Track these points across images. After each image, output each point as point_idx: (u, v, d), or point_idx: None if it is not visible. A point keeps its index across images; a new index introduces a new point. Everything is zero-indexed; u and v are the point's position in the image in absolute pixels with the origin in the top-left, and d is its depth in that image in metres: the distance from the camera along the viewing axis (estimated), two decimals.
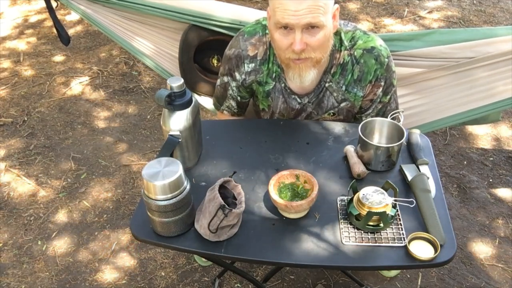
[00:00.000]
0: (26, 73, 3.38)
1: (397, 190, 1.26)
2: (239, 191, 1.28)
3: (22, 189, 2.50)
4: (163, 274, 2.07)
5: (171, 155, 1.35)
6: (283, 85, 1.59)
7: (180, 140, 1.36)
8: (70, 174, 2.57)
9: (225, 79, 1.66)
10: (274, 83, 1.60)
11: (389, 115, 1.48)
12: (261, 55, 1.56)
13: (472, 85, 1.93)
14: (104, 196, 2.44)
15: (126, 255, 2.15)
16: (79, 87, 3.23)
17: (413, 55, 1.91)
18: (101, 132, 2.85)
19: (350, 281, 2.00)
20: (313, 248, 1.20)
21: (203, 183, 1.40)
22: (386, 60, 1.51)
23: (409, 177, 1.35)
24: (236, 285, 2.01)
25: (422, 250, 1.17)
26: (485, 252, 2.09)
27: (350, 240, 1.22)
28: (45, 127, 2.90)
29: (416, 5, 3.94)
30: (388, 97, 1.59)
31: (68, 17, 4.00)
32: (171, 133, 1.35)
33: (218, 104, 1.76)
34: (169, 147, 1.34)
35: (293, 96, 1.60)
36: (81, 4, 2.19)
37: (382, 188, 1.26)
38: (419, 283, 1.99)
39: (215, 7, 2.08)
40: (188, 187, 1.21)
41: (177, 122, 1.35)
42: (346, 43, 1.51)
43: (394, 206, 1.26)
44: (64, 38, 2.25)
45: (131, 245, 2.20)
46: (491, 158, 2.55)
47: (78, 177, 2.55)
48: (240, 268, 2.03)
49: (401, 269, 1.99)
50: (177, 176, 1.16)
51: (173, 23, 2.14)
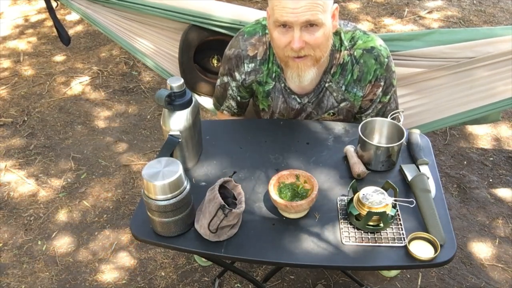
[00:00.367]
0: (26, 73, 3.38)
1: (397, 190, 1.26)
2: (239, 191, 1.28)
3: (22, 189, 2.50)
4: (163, 274, 2.07)
5: (171, 155, 1.35)
6: (283, 85, 1.59)
7: (180, 140, 1.36)
8: (70, 174, 2.57)
9: (225, 79, 1.66)
10: (274, 83, 1.60)
11: (389, 115, 1.48)
12: (261, 55, 1.56)
13: (472, 85, 1.93)
14: (104, 196, 2.44)
15: (126, 255, 2.15)
16: (79, 87, 3.23)
17: (413, 55, 1.91)
18: (101, 132, 2.85)
19: (350, 281, 2.00)
20: (313, 248, 1.20)
21: (203, 183, 1.40)
22: (386, 60, 1.51)
23: (409, 177, 1.35)
24: (236, 285, 2.01)
25: (422, 250, 1.17)
26: (485, 252, 2.09)
27: (350, 240, 1.22)
28: (45, 127, 2.90)
29: (416, 5, 3.94)
30: (388, 97, 1.59)
31: (68, 17, 4.00)
32: (171, 133, 1.35)
33: (218, 104, 1.76)
34: (169, 147, 1.34)
35: (293, 96, 1.60)
36: (81, 4, 2.19)
37: (382, 188, 1.26)
38: (419, 283, 1.99)
39: (215, 7, 2.08)
40: (188, 187, 1.21)
41: (177, 122, 1.35)
42: (346, 43, 1.51)
43: (394, 206, 1.26)
44: (64, 38, 2.25)
45: (131, 245, 2.20)
46: (491, 158, 2.55)
47: (78, 177, 2.55)
48: (240, 268, 2.03)
49: (401, 269, 1.99)
50: (177, 176, 1.16)
51: (173, 23, 2.14)
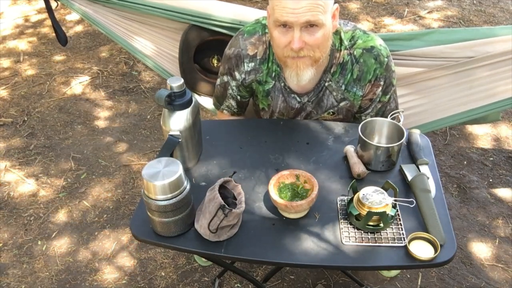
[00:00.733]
0: (26, 73, 3.38)
1: (397, 190, 1.26)
2: (239, 191, 1.28)
3: (22, 189, 2.50)
4: (163, 274, 2.07)
5: (171, 155, 1.35)
6: (282, 84, 1.59)
7: (180, 140, 1.36)
8: (70, 174, 2.57)
9: (225, 78, 1.66)
10: (273, 82, 1.60)
11: (389, 115, 1.48)
12: (260, 54, 1.56)
13: (472, 85, 1.93)
14: (104, 196, 2.44)
15: (126, 255, 2.15)
16: (79, 87, 3.23)
17: (413, 54, 1.91)
18: (101, 132, 2.85)
19: (350, 281, 1.99)
20: (313, 248, 1.20)
21: (203, 183, 1.40)
22: (386, 59, 1.51)
23: (409, 177, 1.35)
24: (236, 285, 2.01)
25: (422, 250, 1.17)
26: (485, 252, 2.09)
27: (350, 240, 1.22)
28: (45, 127, 2.90)
29: (416, 5, 3.94)
30: (387, 96, 1.59)
31: (68, 17, 4.00)
32: (171, 133, 1.35)
33: (218, 103, 1.76)
34: (169, 147, 1.34)
35: (292, 95, 1.60)
36: (81, 4, 2.19)
37: (382, 188, 1.26)
38: (419, 283, 1.99)
39: (215, 7, 2.08)
40: (188, 187, 1.21)
41: (177, 122, 1.35)
42: (346, 43, 1.51)
43: (394, 206, 1.26)
44: (61, 39, 2.25)
45: (131, 245, 2.20)
46: (491, 158, 2.55)
47: (78, 177, 2.55)
48: (240, 268, 2.03)
49: (401, 269, 1.99)
50: (177, 176, 1.16)
51: (173, 23, 2.14)
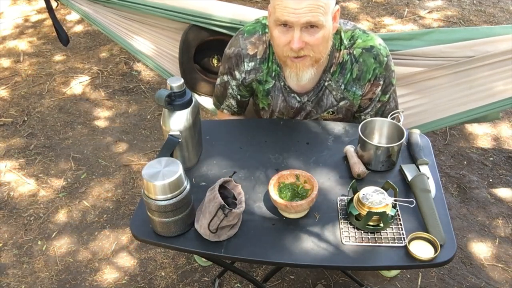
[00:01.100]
0: (26, 73, 3.38)
1: (397, 190, 1.26)
2: (239, 191, 1.28)
3: (22, 189, 2.50)
4: (163, 274, 2.07)
5: (171, 155, 1.35)
6: (282, 83, 1.59)
7: (180, 140, 1.36)
8: (70, 174, 2.57)
9: (225, 78, 1.66)
10: (274, 81, 1.60)
11: (389, 115, 1.48)
12: (260, 54, 1.56)
13: (472, 85, 1.93)
14: (104, 196, 2.44)
15: (126, 255, 2.15)
16: (79, 87, 3.23)
17: (413, 54, 1.91)
18: (101, 132, 2.85)
19: (350, 281, 1.99)
20: (313, 248, 1.20)
21: (203, 183, 1.40)
22: (385, 59, 1.51)
23: (409, 177, 1.35)
24: (236, 285, 2.01)
25: (422, 250, 1.17)
26: (485, 252, 2.09)
27: (350, 240, 1.22)
28: (45, 127, 2.90)
29: (416, 5, 3.94)
30: (387, 96, 1.59)
31: (68, 17, 4.00)
32: (171, 133, 1.35)
33: (218, 103, 1.76)
34: (169, 147, 1.34)
35: (292, 94, 1.60)
36: (82, 4, 2.19)
37: (382, 188, 1.26)
38: (419, 283, 1.99)
39: (215, 7, 2.08)
40: (188, 187, 1.21)
41: (177, 122, 1.35)
42: (346, 42, 1.51)
43: (394, 206, 1.26)
44: (63, 39, 2.25)
45: (131, 245, 2.20)
46: (491, 158, 2.55)
47: (78, 177, 2.55)
48: (240, 268, 2.03)
49: (401, 269, 1.99)
50: (177, 176, 1.16)
51: (173, 23, 2.14)
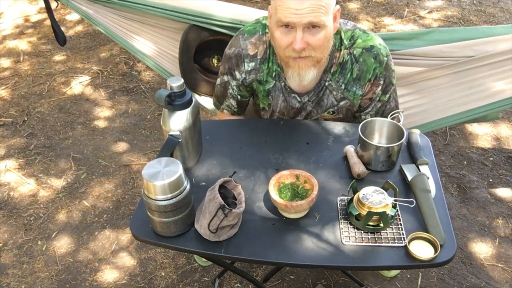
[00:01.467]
0: (26, 73, 3.38)
1: (397, 190, 1.26)
2: (239, 191, 1.28)
3: (22, 189, 2.50)
4: (163, 274, 2.07)
5: (171, 155, 1.35)
6: (283, 84, 1.59)
7: (180, 140, 1.36)
8: (70, 174, 2.57)
9: (225, 78, 1.66)
10: (274, 82, 1.60)
11: (389, 115, 1.48)
12: (261, 54, 1.56)
13: (472, 85, 1.93)
14: (104, 196, 2.44)
15: (126, 255, 2.15)
16: (79, 87, 3.23)
17: (413, 54, 1.91)
18: (101, 132, 2.85)
19: (350, 281, 1.99)
20: (313, 248, 1.20)
21: (203, 183, 1.40)
22: (385, 59, 1.51)
23: (409, 177, 1.35)
24: (236, 285, 2.01)
25: (422, 250, 1.17)
26: (485, 252, 2.09)
27: (350, 240, 1.22)
28: (45, 127, 2.90)
29: (416, 5, 3.94)
30: (387, 96, 1.59)
31: (68, 17, 4.00)
32: (171, 133, 1.35)
33: (218, 103, 1.76)
34: (169, 147, 1.34)
35: (293, 95, 1.60)
36: (82, 4, 2.19)
37: (382, 188, 1.26)
38: (419, 283, 1.99)
39: (215, 7, 2.08)
40: (188, 187, 1.21)
41: (177, 122, 1.35)
42: (346, 42, 1.51)
43: (394, 206, 1.26)
44: (60, 39, 2.25)
45: (131, 245, 2.20)
46: (491, 158, 2.55)
47: (78, 177, 2.55)
48: (240, 268, 2.03)
49: (401, 269, 1.99)
50: (177, 176, 1.16)
51: (173, 23, 2.14)
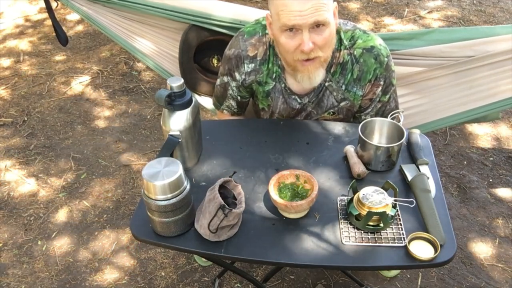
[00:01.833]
0: (26, 73, 3.38)
1: (397, 190, 1.26)
2: (239, 191, 1.28)
3: (22, 189, 2.50)
4: (163, 274, 2.07)
5: (171, 155, 1.35)
6: (283, 85, 1.59)
7: (180, 140, 1.36)
8: (70, 174, 2.57)
9: (225, 79, 1.66)
10: (274, 83, 1.60)
11: (389, 115, 1.48)
12: (261, 55, 1.56)
13: (472, 85, 1.93)
14: (104, 196, 2.44)
15: (126, 255, 2.15)
16: (79, 87, 3.23)
17: (413, 54, 1.91)
18: (101, 132, 2.85)
19: (350, 281, 1.99)
20: (313, 248, 1.20)
21: (203, 183, 1.40)
22: (386, 59, 1.51)
23: (409, 177, 1.35)
24: (236, 285, 2.01)
25: (422, 250, 1.17)
26: (485, 252, 2.09)
27: (350, 240, 1.22)
28: (45, 127, 2.90)
29: (416, 5, 3.94)
30: (387, 96, 1.59)
31: (68, 17, 4.00)
32: (171, 133, 1.35)
33: (218, 103, 1.76)
34: (169, 147, 1.34)
35: (293, 96, 1.60)
36: (82, 4, 2.19)
37: (382, 188, 1.26)
38: (419, 283, 1.99)
39: (215, 7, 2.08)
40: (188, 187, 1.21)
41: (177, 122, 1.35)
42: (346, 42, 1.51)
43: (394, 206, 1.26)
44: (62, 39, 2.25)
45: (131, 245, 2.20)
46: (491, 158, 2.55)
47: (78, 177, 2.55)
48: (240, 268, 2.03)
49: (401, 269, 1.99)
50: (177, 176, 1.16)
51: (173, 23, 2.14)
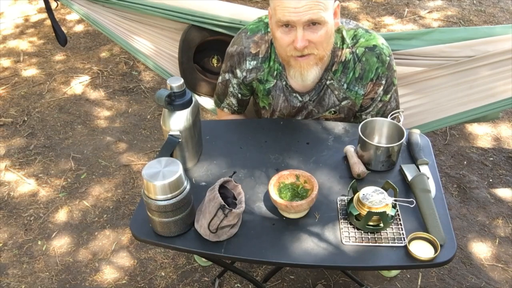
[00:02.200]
0: (26, 73, 3.38)
1: (397, 190, 1.25)
2: (239, 191, 1.28)
3: (22, 189, 2.50)
4: (163, 274, 2.07)
5: (171, 155, 1.35)
6: (284, 83, 1.59)
7: (180, 140, 1.36)
8: (70, 174, 2.57)
9: (226, 76, 1.66)
10: (275, 81, 1.60)
11: (389, 115, 1.48)
12: (262, 53, 1.56)
13: (472, 85, 1.93)
14: (104, 196, 2.44)
15: (126, 255, 2.15)
16: (79, 87, 3.23)
17: (413, 54, 1.91)
18: (101, 132, 2.85)
19: (350, 281, 1.99)
20: (313, 248, 1.20)
21: (203, 183, 1.40)
22: (388, 58, 1.51)
23: (409, 177, 1.35)
24: (236, 285, 2.01)
25: (422, 250, 1.17)
26: (485, 252, 2.09)
27: (350, 240, 1.22)
28: (45, 127, 2.90)
29: (416, 5, 3.94)
30: (388, 96, 1.59)
31: (68, 17, 4.00)
32: (171, 133, 1.35)
33: (219, 101, 1.76)
34: (169, 147, 1.34)
35: (294, 94, 1.60)
36: (81, 5, 2.19)
37: (382, 188, 1.26)
38: (419, 283, 1.99)
39: (215, 6, 2.08)
40: (188, 187, 1.21)
41: (177, 122, 1.35)
42: (348, 41, 1.51)
43: (394, 206, 1.26)
44: (61, 39, 2.25)
45: (131, 245, 2.20)
46: (491, 158, 2.55)
47: (78, 177, 2.55)
48: (240, 268, 2.03)
49: (401, 269, 1.99)
50: (177, 176, 1.16)
51: (173, 23, 2.14)
